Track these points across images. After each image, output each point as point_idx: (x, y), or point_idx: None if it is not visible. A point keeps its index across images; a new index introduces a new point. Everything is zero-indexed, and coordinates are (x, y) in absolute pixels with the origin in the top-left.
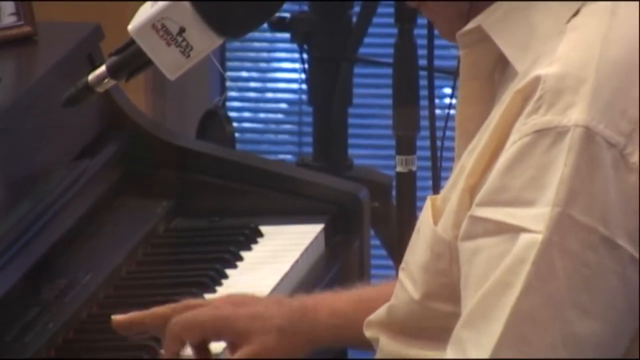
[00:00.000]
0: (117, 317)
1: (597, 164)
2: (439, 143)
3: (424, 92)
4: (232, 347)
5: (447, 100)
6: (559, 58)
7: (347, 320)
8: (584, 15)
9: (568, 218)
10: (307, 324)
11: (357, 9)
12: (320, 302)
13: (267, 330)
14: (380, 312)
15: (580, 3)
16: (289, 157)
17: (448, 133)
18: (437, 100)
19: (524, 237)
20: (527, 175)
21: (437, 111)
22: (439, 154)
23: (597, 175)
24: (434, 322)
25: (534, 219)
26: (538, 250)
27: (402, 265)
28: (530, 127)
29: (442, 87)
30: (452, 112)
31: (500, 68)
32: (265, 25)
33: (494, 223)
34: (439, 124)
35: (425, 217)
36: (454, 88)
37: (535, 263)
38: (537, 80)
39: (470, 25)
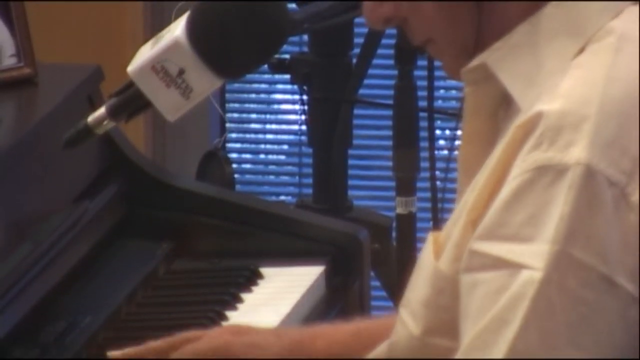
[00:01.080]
0: (113, 353)
1: (598, 202)
2: (439, 184)
3: (424, 134)
4: None
5: (441, 142)
6: (562, 95)
7: (345, 352)
8: (589, 52)
9: (567, 256)
10: (304, 355)
11: (357, 50)
12: (318, 334)
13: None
14: (381, 348)
15: (585, 40)
16: (289, 198)
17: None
18: (437, 142)
19: (522, 274)
20: (527, 212)
21: (437, 152)
22: (439, 195)
23: (597, 214)
24: (433, 358)
25: (533, 255)
26: (537, 287)
27: (403, 302)
28: (531, 164)
29: (442, 128)
30: (451, 152)
31: (504, 106)
32: (265, 67)
33: (492, 258)
34: (439, 165)
35: (426, 253)
36: (454, 129)
37: (534, 300)
38: (538, 116)
39: (475, 62)
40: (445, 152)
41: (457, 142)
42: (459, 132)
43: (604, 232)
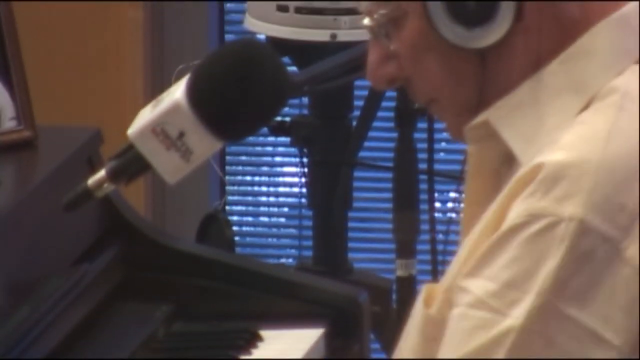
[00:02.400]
0: None
1: (588, 257)
2: (439, 247)
3: (424, 196)
4: None
5: (441, 204)
6: (563, 147)
7: None
8: (593, 109)
9: (553, 308)
10: None
11: (357, 112)
12: None
13: None
14: None
15: (589, 97)
16: (289, 260)
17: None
18: (437, 204)
19: (502, 322)
20: (512, 256)
21: (437, 215)
22: (439, 258)
23: (586, 269)
24: None
25: (514, 304)
26: (515, 338)
27: (396, 352)
28: (523, 210)
29: (442, 191)
30: (453, 215)
31: (506, 165)
32: (265, 129)
33: (476, 297)
34: (440, 227)
35: (418, 303)
36: (455, 192)
37: (510, 351)
38: (539, 167)
39: (478, 119)
40: (446, 214)
41: (455, 205)
42: (452, 195)
43: (592, 287)
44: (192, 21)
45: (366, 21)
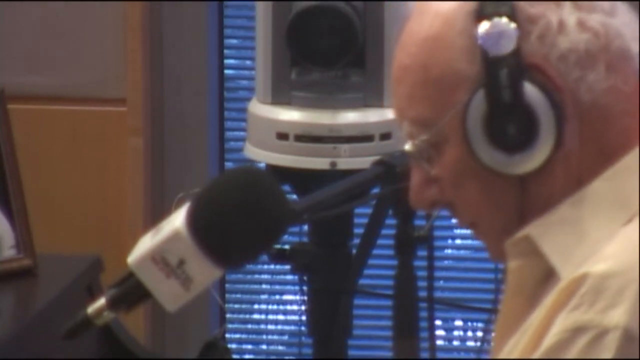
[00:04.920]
0: None
1: None
2: None
3: (424, 324)
4: None
5: (437, 332)
6: (607, 257)
7: None
8: (636, 222)
9: None
10: None
11: (357, 240)
12: None
13: None
14: None
15: (632, 213)
16: None
17: None
18: (437, 332)
19: None
20: None
21: (438, 342)
22: None
23: None
24: None
25: None
26: None
27: None
28: (570, 324)
29: (442, 319)
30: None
31: (545, 283)
32: (265, 256)
33: None
34: (440, 355)
35: None
36: (453, 320)
37: None
38: (583, 277)
39: (520, 234)
40: (446, 342)
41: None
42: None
43: None
44: (192, 149)
45: (407, 146)
